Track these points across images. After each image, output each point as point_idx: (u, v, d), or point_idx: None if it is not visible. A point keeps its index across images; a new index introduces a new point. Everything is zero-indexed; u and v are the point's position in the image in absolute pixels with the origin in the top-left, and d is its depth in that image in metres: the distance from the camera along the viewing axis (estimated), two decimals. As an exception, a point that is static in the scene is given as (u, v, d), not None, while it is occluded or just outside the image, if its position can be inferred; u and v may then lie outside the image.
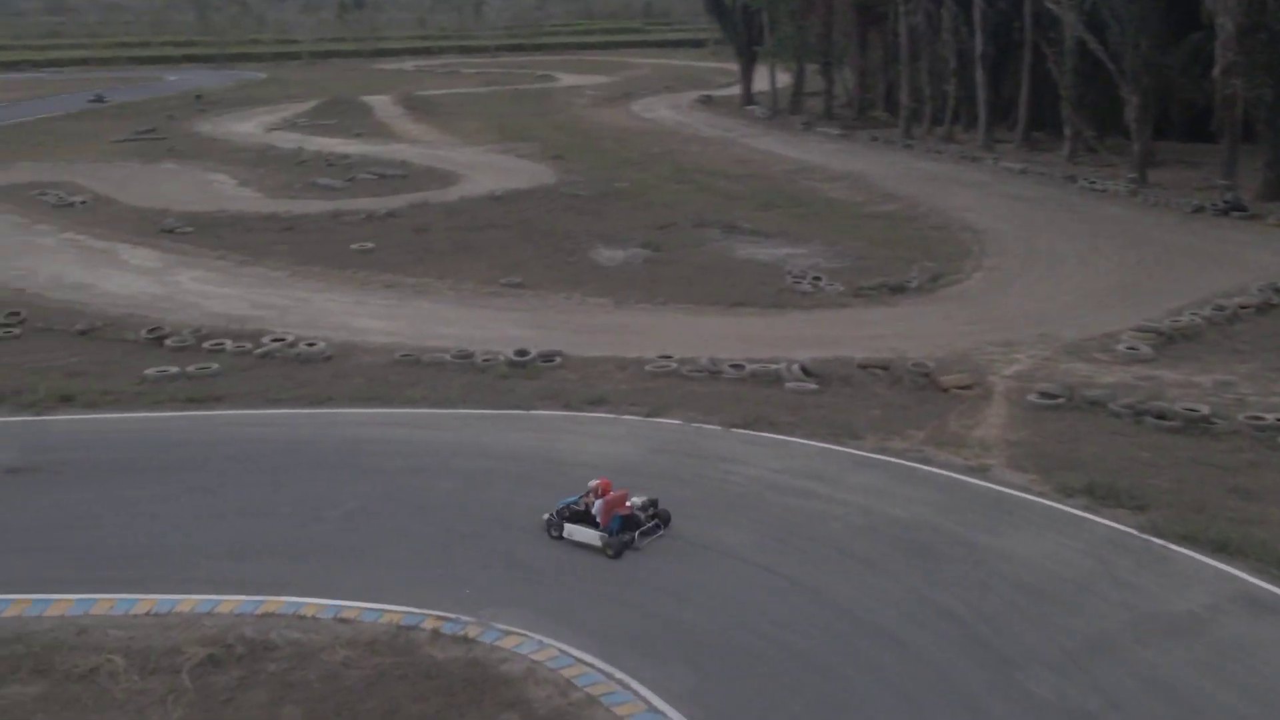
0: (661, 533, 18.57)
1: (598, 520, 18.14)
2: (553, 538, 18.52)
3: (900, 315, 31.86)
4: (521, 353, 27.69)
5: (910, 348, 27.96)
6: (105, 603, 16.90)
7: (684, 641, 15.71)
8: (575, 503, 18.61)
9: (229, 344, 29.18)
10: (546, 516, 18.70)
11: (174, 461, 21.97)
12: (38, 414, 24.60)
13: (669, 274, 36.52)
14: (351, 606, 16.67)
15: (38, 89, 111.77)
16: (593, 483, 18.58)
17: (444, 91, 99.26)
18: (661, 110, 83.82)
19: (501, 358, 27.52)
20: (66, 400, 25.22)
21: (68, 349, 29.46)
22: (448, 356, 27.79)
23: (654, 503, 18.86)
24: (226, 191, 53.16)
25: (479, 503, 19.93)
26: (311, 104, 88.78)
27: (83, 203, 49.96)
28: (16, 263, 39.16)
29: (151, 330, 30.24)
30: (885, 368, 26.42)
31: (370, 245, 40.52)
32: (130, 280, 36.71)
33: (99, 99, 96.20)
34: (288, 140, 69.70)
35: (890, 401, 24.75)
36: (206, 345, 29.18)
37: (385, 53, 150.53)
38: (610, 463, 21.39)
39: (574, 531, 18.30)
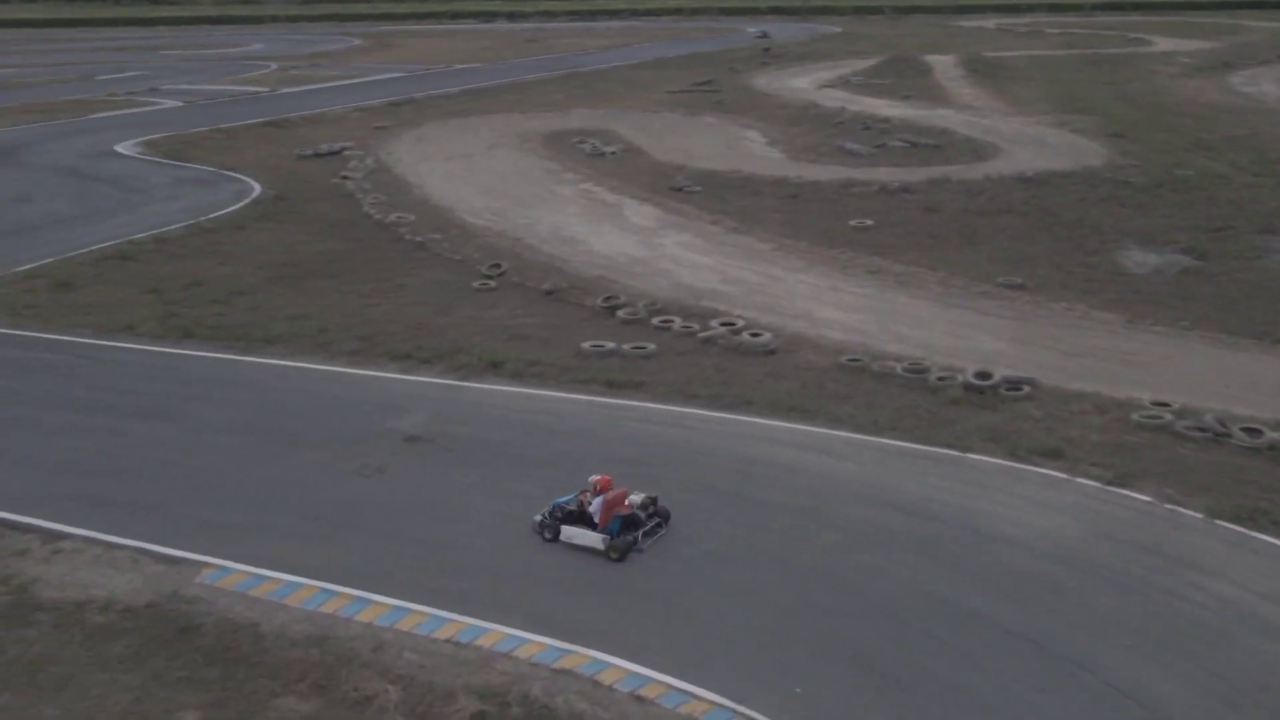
0: (663, 532, 17.21)
1: (595, 521, 16.83)
2: (546, 541, 17.18)
3: None
4: (983, 375, 23.57)
5: None
6: (416, 616, 15.57)
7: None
8: (569, 502, 17.23)
9: (677, 322, 27.52)
10: (538, 518, 17.38)
11: (559, 455, 20.43)
12: (462, 378, 24.21)
13: (1206, 290, 30.17)
14: (657, 680, 14.10)
15: (632, 36, 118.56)
16: (592, 479, 17.17)
17: (1016, 53, 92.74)
18: (1266, 84, 72.33)
19: (959, 378, 23.58)
20: (495, 366, 24.66)
21: (528, 309, 29.19)
22: (898, 368, 24.27)
23: (653, 500, 17.50)
24: (752, 150, 52.03)
25: (854, 571, 16.52)
26: (872, 61, 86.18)
27: (613, 153, 50.91)
28: (529, 211, 40.17)
29: (607, 299, 29.28)
30: None
31: (869, 223, 37.37)
32: (619, 240, 36.24)
33: (764, 35, 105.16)
34: (834, 99, 67.58)
35: None
36: (655, 321, 27.70)
37: (969, 9, 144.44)
38: (1036, 540, 17.22)
39: (572, 534, 16.99)
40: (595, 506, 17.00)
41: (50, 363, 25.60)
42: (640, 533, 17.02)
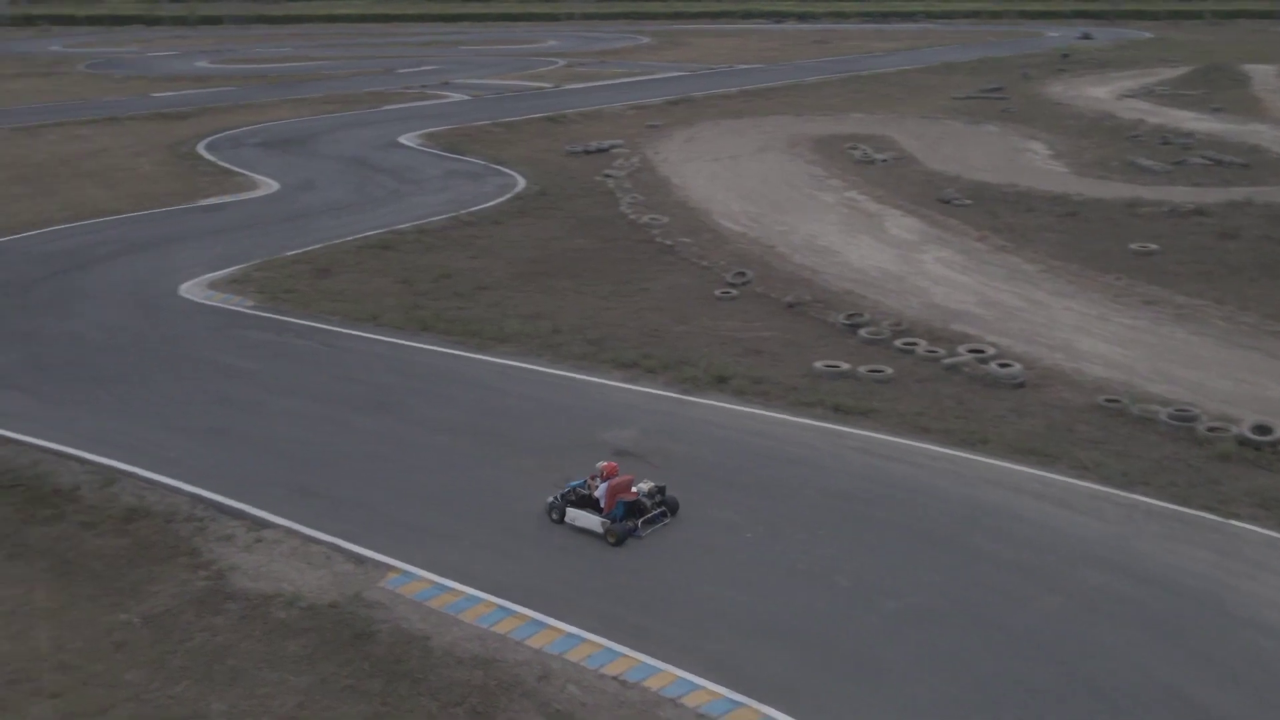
0: (667, 521, 17.55)
1: (601, 505, 17.18)
2: (553, 522, 17.60)
3: None
4: (1263, 429, 20.87)
5: None
6: (588, 646, 14.78)
7: None
8: (581, 486, 17.62)
9: (922, 345, 25.81)
10: (550, 499, 17.78)
11: (770, 483, 19.25)
12: (684, 392, 23.35)
13: None
14: (830, 751, 12.80)
15: (923, 39, 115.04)
16: (600, 464, 17.67)
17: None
18: None
19: (1234, 430, 20.95)
20: (720, 382, 23.67)
21: (766, 322, 28.08)
22: (1163, 413, 21.81)
23: (661, 489, 17.80)
24: (1033, 163, 49.04)
25: (1075, 644, 14.62)
26: (1182, 70, 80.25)
27: (884, 160, 49.04)
28: (786, 218, 39.02)
29: (850, 316, 27.81)
30: None
31: (1153, 247, 34.26)
32: (875, 253, 34.59)
33: (1086, 36, 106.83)
34: (1133, 110, 63.16)
35: None
36: (898, 343, 26.07)
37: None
38: (1303, 635, 14.78)
39: (576, 517, 17.43)
40: (601, 491, 17.28)
41: (294, 348, 26.37)
42: (640, 520, 17.23)
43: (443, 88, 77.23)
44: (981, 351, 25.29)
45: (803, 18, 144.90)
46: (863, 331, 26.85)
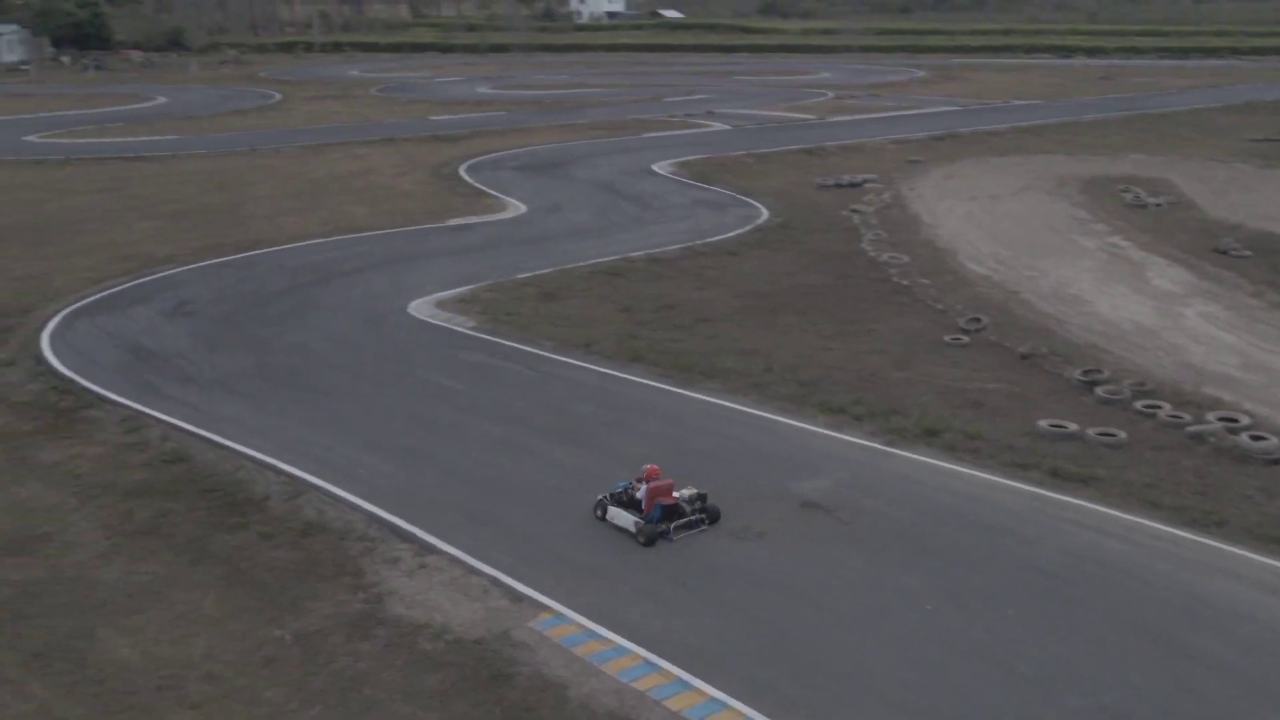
0: (704, 528, 17.92)
1: (641, 506, 17.69)
2: (597, 519, 18.25)
3: None
4: None
5: None
6: (730, 715, 13.75)
7: None
8: (628, 487, 18.12)
9: (1165, 409, 23.42)
10: (599, 497, 18.39)
11: (964, 551, 17.64)
12: (889, 443, 21.89)
13: None
14: None
15: (1224, 76, 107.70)
16: (644, 467, 18.15)
17: None
18: None
19: None
20: (931, 435, 22.09)
21: (994, 373, 26.17)
22: None
23: (702, 497, 18.19)
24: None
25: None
26: None
27: (1158, 205, 45.62)
28: (1038, 262, 36.69)
29: (1087, 371, 25.58)
30: None
31: None
32: (1130, 304, 31.92)
33: None
34: None
35: None
36: (1139, 404, 23.75)
37: None
38: None
39: (615, 515, 18.03)
40: (642, 493, 17.78)
41: (501, 371, 26.36)
42: (672, 524, 17.70)
43: (705, 116, 77.36)
44: (1235, 420, 22.69)
45: (1092, 53, 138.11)
46: (1100, 389, 24.61)
